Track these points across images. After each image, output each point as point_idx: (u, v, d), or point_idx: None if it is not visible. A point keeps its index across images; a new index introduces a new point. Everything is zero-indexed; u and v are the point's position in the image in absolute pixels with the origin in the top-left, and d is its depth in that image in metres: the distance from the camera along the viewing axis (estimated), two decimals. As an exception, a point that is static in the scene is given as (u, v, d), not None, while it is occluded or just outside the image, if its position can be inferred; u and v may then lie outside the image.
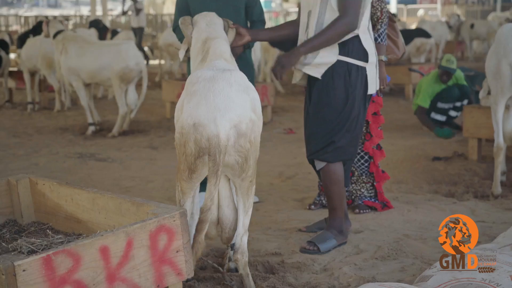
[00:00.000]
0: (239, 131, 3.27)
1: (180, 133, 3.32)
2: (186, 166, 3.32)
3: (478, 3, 32.79)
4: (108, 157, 7.35)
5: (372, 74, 4.14)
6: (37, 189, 3.77)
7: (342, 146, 4.16)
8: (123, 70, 8.33)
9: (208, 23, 3.90)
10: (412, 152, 7.33)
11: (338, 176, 4.23)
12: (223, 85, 3.30)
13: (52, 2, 48.12)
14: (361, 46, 4.05)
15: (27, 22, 24.32)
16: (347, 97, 4.09)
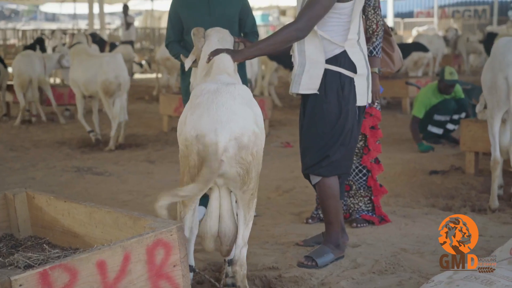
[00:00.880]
0: (241, 143, 3.29)
1: (184, 145, 3.34)
2: (189, 178, 3.32)
3: (475, 17, 32.90)
4: (105, 171, 7.35)
5: (361, 86, 4.15)
6: (34, 203, 3.77)
7: (337, 160, 4.17)
8: (104, 82, 8.34)
9: (220, 39, 3.93)
10: (409, 165, 7.33)
11: (333, 191, 4.24)
12: (226, 98, 3.33)
13: (50, 16, 48.16)
14: (349, 59, 4.08)
15: (25, 36, 24.34)
16: (340, 110, 4.11)
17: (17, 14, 49.41)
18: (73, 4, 28.68)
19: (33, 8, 45.74)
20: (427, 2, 34.49)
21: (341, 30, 4.06)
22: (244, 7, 5.17)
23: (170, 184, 6.67)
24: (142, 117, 11.38)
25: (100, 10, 18.54)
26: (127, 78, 8.66)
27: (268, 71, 12.65)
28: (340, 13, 4.02)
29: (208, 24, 4.23)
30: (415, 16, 34.94)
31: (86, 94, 8.73)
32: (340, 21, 4.05)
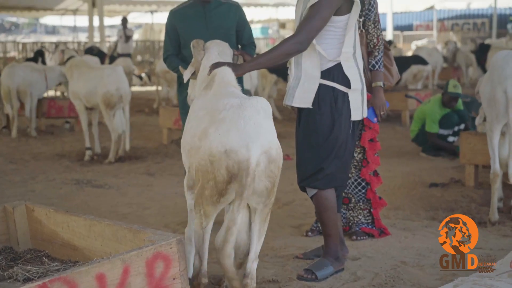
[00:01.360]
0: (270, 157, 3.33)
1: (208, 161, 3.31)
2: (215, 192, 3.32)
3: (474, 30, 32.99)
4: (105, 184, 7.34)
5: (355, 101, 4.15)
6: (34, 216, 3.77)
7: (331, 173, 4.18)
8: (105, 95, 8.34)
9: (220, 53, 3.96)
10: (409, 178, 7.33)
11: (330, 203, 4.23)
12: (252, 112, 3.36)
13: (50, 28, 48.30)
14: (343, 73, 4.08)
15: (25, 49, 24.39)
16: (333, 123, 4.12)
17: (17, 27, 49.55)
18: (73, 17, 28.76)
19: (33, 21, 45.88)
20: (426, 15, 34.57)
21: (335, 43, 4.08)
22: (241, 20, 5.20)
23: (170, 196, 6.67)
24: (142, 129, 11.38)
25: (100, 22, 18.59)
26: (129, 90, 8.67)
27: (268, 84, 12.67)
28: (335, 26, 4.04)
29: (205, 37, 4.25)
30: (415, 29, 35.02)
31: (88, 106, 8.73)
32: (335, 34, 4.06)
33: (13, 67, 10.91)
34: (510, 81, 5.15)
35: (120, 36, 18.10)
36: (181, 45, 5.20)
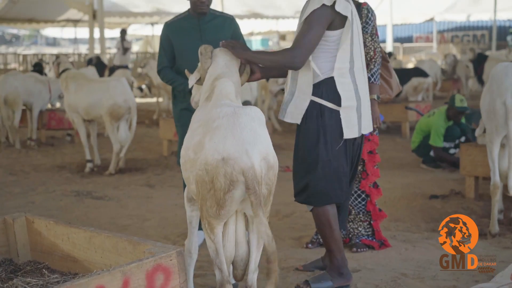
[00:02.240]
0: (268, 163, 3.33)
1: (205, 170, 3.30)
2: (214, 202, 3.30)
3: (474, 42, 33.05)
4: (105, 195, 7.34)
5: (349, 119, 4.10)
6: (34, 228, 3.76)
7: (321, 190, 4.15)
8: (112, 107, 8.33)
9: (227, 63, 3.93)
10: (409, 190, 7.32)
11: (327, 218, 4.19)
12: (247, 119, 3.35)
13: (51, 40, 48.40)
14: (335, 89, 4.05)
15: (26, 60, 24.45)
16: (318, 138, 4.09)
17: (18, 39, 49.62)
18: (74, 29, 28.83)
19: (34, 32, 45.96)
20: (426, 27, 34.64)
21: (328, 57, 4.06)
22: (235, 32, 5.24)
23: (170, 208, 6.67)
24: (142, 141, 11.38)
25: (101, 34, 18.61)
26: (135, 102, 8.69)
27: (268, 96, 12.68)
28: (327, 40, 4.03)
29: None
30: (414, 41, 35.09)
31: (87, 119, 8.72)
32: (328, 49, 4.05)
33: (8, 75, 10.88)
34: (509, 93, 5.16)
35: (118, 48, 18.15)
36: (175, 57, 5.22)
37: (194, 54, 4.93)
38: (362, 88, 4.16)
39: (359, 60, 4.16)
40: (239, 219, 3.47)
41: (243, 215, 3.49)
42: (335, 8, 3.95)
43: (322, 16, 3.95)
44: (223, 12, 5.46)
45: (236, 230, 3.47)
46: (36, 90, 10.71)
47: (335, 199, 4.21)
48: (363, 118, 4.18)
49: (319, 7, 3.95)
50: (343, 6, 3.98)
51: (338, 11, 3.95)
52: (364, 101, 4.18)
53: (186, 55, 5.13)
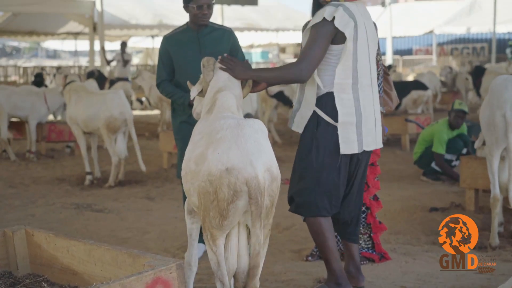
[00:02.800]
0: (272, 175, 3.36)
1: (208, 181, 3.31)
2: (217, 213, 3.31)
3: (473, 54, 33.11)
4: (105, 208, 7.33)
5: (346, 134, 4.07)
6: (33, 241, 3.76)
7: (310, 202, 4.15)
8: (108, 119, 8.36)
9: (229, 76, 3.93)
10: (409, 202, 7.32)
11: (319, 227, 4.18)
12: (250, 131, 3.38)
13: (51, 53, 48.49)
14: (333, 104, 4.05)
15: (26, 73, 24.48)
16: (311, 149, 4.11)
17: (19, 51, 49.72)
18: (74, 41, 28.89)
19: (34, 45, 46.04)
20: (425, 39, 34.71)
21: (329, 70, 4.05)
22: (234, 45, 5.26)
23: (170, 221, 6.66)
24: (142, 153, 11.32)
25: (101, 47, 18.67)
26: (132, 114, 8.69)
27: (268, 108, 12.70)
28: (329, 53, 4.03)
29: (199, 62, 4.27)
30: (414, 53, 35.17)
31: (86, 131, 8.74)
32: (330, 62, 4.05)
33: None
34: (509, 106, 5.17)
35: (118, 60, 18.19)
36: (175, 70, 5.23)
37: (193, 67, 4.97)
38: (366, 105, 4.12)
39: (366, 77, 4.13)
40: (241, 232, 3.47)
41: (246, 228, 3.49)
42: (334, 23, 3.95)
43: (324, 30, 3.97)
44: (222, 24, 5.48)
45: (238, 243, 3.48)
46: (28, 103, 10.67)
47: (324, 211, 4.17)
48: (365, 135, 4.13)
49: (320, 21, 3.97)
50: (343, 23, 3.96)
51: (337, 26, 3.96)
52: (368, 117, 4.13)
53: (185, 68, 5.14)
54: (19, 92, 10.89)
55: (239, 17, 24.76)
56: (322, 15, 3.98)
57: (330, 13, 3.97)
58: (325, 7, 4.02)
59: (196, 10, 5.09)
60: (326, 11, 3.99)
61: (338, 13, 3.96)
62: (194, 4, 5.08)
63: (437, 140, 8.53)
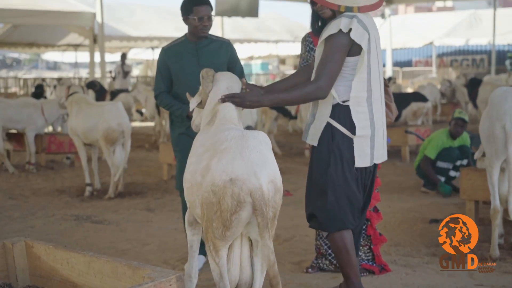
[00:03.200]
0: (275, 186, 3.37)
1: (211, 191, 3.32)
2: (220, 223, 3.31)
3: (473, 66, 33.16)
4: (105, 220, 7.32)
5: (362, 148, 4.05)
6: (33, 252, 3.75)
7: (334, 216, 4.09)
8: (106, 130, 8.37)
9: (229, 88, 3.93)
10: (409, 214, 7.31)
11: (344, 243, 4.12)
12: (254, 143, 3.40)
13: (51, 64, 48.60)
14: (350, 117, 4.01)
15: (26, 84, 24.52)
16: (329, 162, 4.05)
17: (19, 63, 49.84)
18: (75, 53, 28.95)
19: (34, 56, 46.14)
20: (425, 51, 34.77)
21: (344, 81, 4.01)
22: (232, 56, 5.27)
23: (170, 232, 6.65)
24: (141, 165, 11.38)
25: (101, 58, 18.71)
26: (130, 125, 8.70)
27: (268, 120, 12.71)
28: (344, 65, 3.99)
29: (197, 74, 4.27)
30: (414, 65, 35.22)
31: (86, 142, 8.76)
32: (344, 73, 4.00)
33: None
34: (508, 117, 5.17)
35: (118, 72, 18.23)
36: (173, 82, 5.24)
37: (191, 79, 4.99)
38: (378, 118, 4.10)
39: (377, 89, 4.10)
40: (244, 243, 3.47)
41: (248, 239, 3.49)
42: (350, 35, 3.92)
43: (340, 42, 3.93)
44: (219, 36, 5.49)
45: (241, 254, 3.48)
46: (24, 115, 10.66)
47: (348, 224, 4.13)
48: (376, 148, 4.12)
49: (336, 33, 3.93)
50: (359, 35, 3.93)
51: (353, 39, 3.92)
52: (378, 131, 4.11)
53: (184, 80, 5.15)
54: (15, 104, 10.88)
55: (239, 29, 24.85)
56: (338, 27, 3.92)
57: (346, 24, 3.91)
58: (340, 18, 3.96)
59: (197, 22, 5.10)
60: (341, 22, 3.93)
61: (353, 25, 3.91)
62: (195, 15, 5.10)
63: (431, 144, 8.58)
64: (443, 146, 8.54)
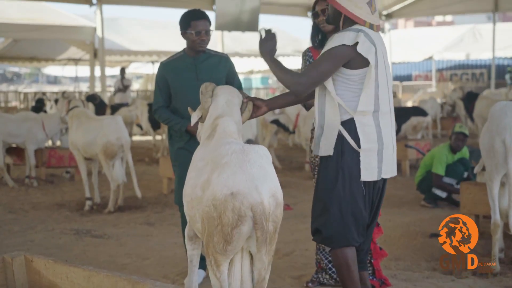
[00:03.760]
0: (276, 200, 3.37)
1: (212, 205, 3.32)
2: (221, 238, 3.31)
3: (473, 80, 33.19)
4: (104, 234, 7.31)
5: (368, 161, 4.01)
6: (32, 267, 3.75)
7: (339, 232, 4.06)
8: (105, 144, 8.39)
9: (228, 102, 3.95)
10: (409, 228, 7.30)
11: (346, 260, 4.10)
12: (255, 157, 3.41)
13: (52, 78, 48.69)
14: (355, 131, 4.00)
15: (26, 98, 24.56)
16: (337, 178, 4.02)
17: (19, 77, 49.94)
18: (75, 67, 29.02)
19: (35, 71, 46.23)
20: (425, 65, 34.83)
21: (350, 96, 3.99)
22: (230, 71, 5.29)
23: (170, 246, 6.64)
24: (141, 179, 11.36)
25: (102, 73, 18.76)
26: (129, 140, 8.71)
27: (268, 134, 12.72)
28: (348, 79, 3.98)
29: (196, 88, 4.28)
30: (414, 79, 35.27)
31: (86, 156, 8.77)
32: (350, 88, 3.99)
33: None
34: (508, 132, 5.18)
35: (118, 86, 18.27)
36: (171, 97, 5.25)
37: (190, 93, 5.01)
38: (387, 132, 4.07)
39: (386, 104, 4.07)
40: (244, 257, 3.47)
41: (249, 253, 3.48)
42: (356, 48, 3.91)
43: (338, 54, 3.93)
44: (218, 51, 5.50)
45: (242, 268, 3.47)
46: (24, 129, 10.66)
47: (353, 241, 4.11)
48: (385, 163, 4.07)
49: (337, 46, 3.94)
50: (366, 48, 3.91)
51: (360, 52, 3.90)
52: (388, 145, 4.07)
53: (182, 95, 5.17)
54: (15, 119, 10.88)
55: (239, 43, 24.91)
56: (341, 41, 3.93)
57: (351, 38, 3.91)
58: (345, 32, 3.96)
59: (195, 36, 5.13)
60: (345, 36, 3.93)
61: (360, 38, 3.90)
62: (193, 30, 5.12)
63: (437, 161, 8.56)
64: (447, 162, 8.56)
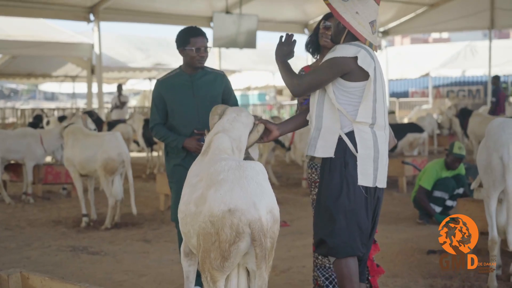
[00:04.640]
0: (274, 217, 3.38)
1: (209, 222, 3.31)
2: (218, 254, 3.30)
3: (469, 97, 33.28)
4: (101, 250, 7.29)
5: (364, 166, 4.05)
6: (29, 284, 3.73)
7: (344, 242, 4.06)
8: (106, 161, 8.39)
9: (230, 120, 3.99)
10: (406, 245, 7.29)
11: (349, 270, 4.09)
12: (252, 173, 3.41)
13: (49, 95, 48.76)
14: (354, 138, 4.04)
15: (24, 115, 24.57)
16: (342, 189, 4.04)
17: (17, 94, 50.01)
18: (72, 84, 29.07)
19: (32, 87, 46.28)
20: (421, 82, 34.94)
21: (351, 109, 4.03)
22: (226, 88, 5.30)
23: (166, 263, 6.62)
24: (138, 195, 11.34)
25: (99, 89, 18.82)
26: (129, 155, 8.71)
27: (266, 150, 12.73)
28: (348, 91, 4.02)
29: (192, 105, 4.29)
30: (410, 96, 35.36)
31: (82, 173, 8.76)
32: (350, 100, 4.03)
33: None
34: (506, 148, 5.19)
35: (115, 102, 18.31)
36: (168, 114, 5.26)
37: (186, 111, 5.04)
38: (382, 143, 4.13)
39: (381, 118, 4.12)
40: (241, 273, 3.46)
41: (245, 269, 3.48)
42: (357, 61, 3.96)
43: (339, 63, 3.99)
44: (214, 68, 5.52)
45: (238, 284, 3.46)
46: (23, 145, 10.66)
47: (357, 251, 4.13)
48: (380, 172, 4.12)
49: (339, 56, 3.99)
50: (367, 63, 3.98)
51: (360, 65, 3.97)
52: (383, 155, 4.13)
53: (179, 112, 5.18)
54: (14, 135, 10.88)
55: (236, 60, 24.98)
56: (343, 53, 3.99)
57: (352, 51, 3.99)
58: (347, 45, 4.04)
59: (194, 53, 5.14)
60: (348, 49, 4.00)
61: (361, 53, 3.98)
62: (192, 46, 5.13)
63: (426, 175, 8.55)
64: (439, 177, 8.53)
